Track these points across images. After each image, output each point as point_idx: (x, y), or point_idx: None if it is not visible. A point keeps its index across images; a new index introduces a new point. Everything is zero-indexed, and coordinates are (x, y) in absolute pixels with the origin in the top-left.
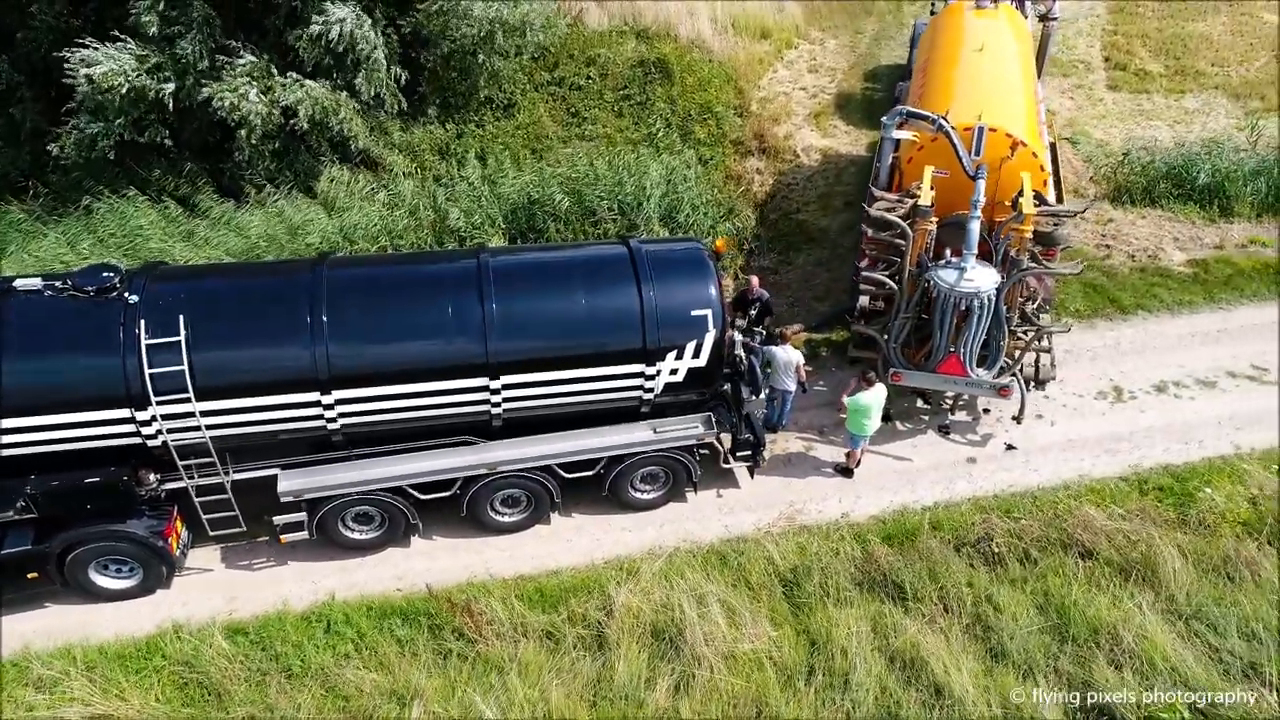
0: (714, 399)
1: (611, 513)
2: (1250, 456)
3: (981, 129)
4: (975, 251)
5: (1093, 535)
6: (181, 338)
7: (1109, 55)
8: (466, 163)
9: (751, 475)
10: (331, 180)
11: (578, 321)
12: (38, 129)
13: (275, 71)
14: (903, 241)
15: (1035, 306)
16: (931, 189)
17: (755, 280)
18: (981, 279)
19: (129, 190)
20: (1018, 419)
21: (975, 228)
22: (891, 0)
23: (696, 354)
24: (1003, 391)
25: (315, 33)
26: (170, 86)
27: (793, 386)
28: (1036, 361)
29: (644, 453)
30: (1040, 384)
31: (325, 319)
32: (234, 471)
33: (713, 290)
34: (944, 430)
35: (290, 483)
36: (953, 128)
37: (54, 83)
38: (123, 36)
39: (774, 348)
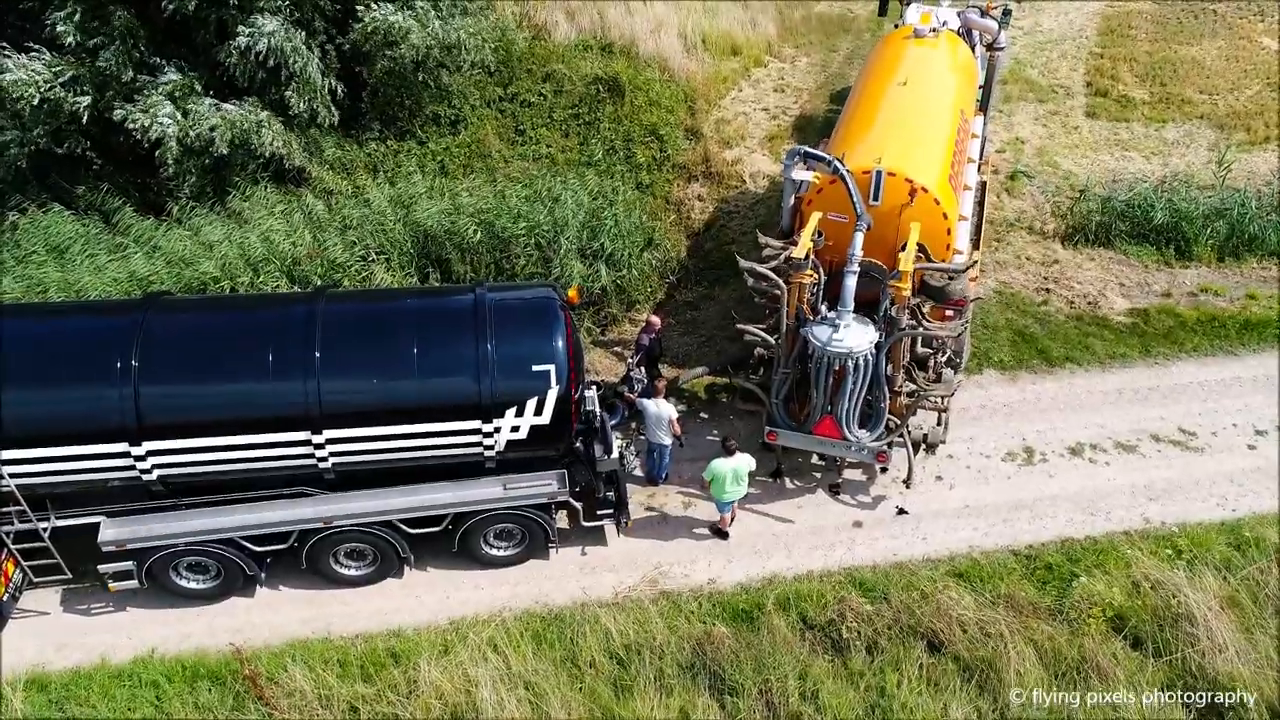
0: (569, 456)
1: (468, 568)
2: (1152, 534)
3: (880, 173)
4: (850, 308)
5: (946, 624)
6: None
7: (1091, 80)
8: (369, 187)
9: (618, 533)
10: (246, 199)
11: (409, 375)
12: None
13: (199, 89)
14: (779, 293)
15: (945, 360)
16: (818, 236)
17: (656, 320)
18: (854, 338)
19: (53, 204)
20: (907, 483)
21: (851, 283)
22: (873, 18)
23: (539, 411)
24: (880, 457)
25: (243, 45)
26: (86, 100)
27: (668, 441)
28: (940, 420)
29: (492, 510)
30: (930, 448)
31: (136, 364)
32: (56, 518)
33: (558, 344)
34: (834, 490)
35: (112, 532)
36: (849, 171)
37: None
38: (37, 48)
39: (646, 401)
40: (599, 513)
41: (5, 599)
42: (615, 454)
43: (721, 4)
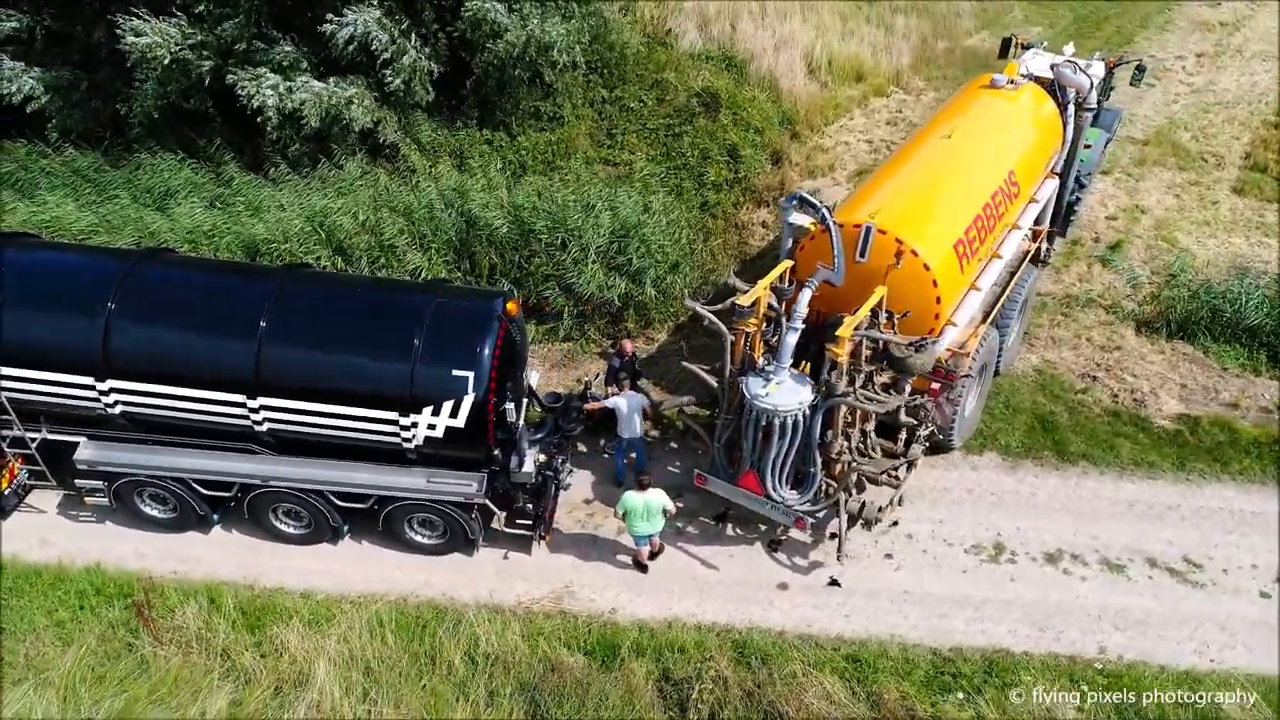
0: (492, 463)
1: (399, 550)
2: (1096, 665)
3: (869, 229)
4: (786, 364)
5: (797, 708)
6: None
7: (1252, 152)
8: (444, 172)
9: (539, 543)
10: (339, 167)
11: (339, 358)
12: (117, 89)
13: (306, 64)
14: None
15: (927, 433)
16: (785, 286)
17: (628, 345)
18: (784, 396)
19: (178, 152)
20: (838, 555)
21: (791, 340)
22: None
23: (454, 414)
24: (798, 523)
25: (328, 32)
26: (209, 64)
27: (640, 430)
28: (897, 497)
29: (412, 499)
30: (866, 523)
31: (112, 306)
32: (48, 432)
33: (483, 353)
34: (774, 546)
35: (87, 452)
36: (836, 222)
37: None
38: (178, 14)
39: (615, 398)
40: (518, 521)
41: (7, 494)
42: (529, 466)
43: (865, 27)
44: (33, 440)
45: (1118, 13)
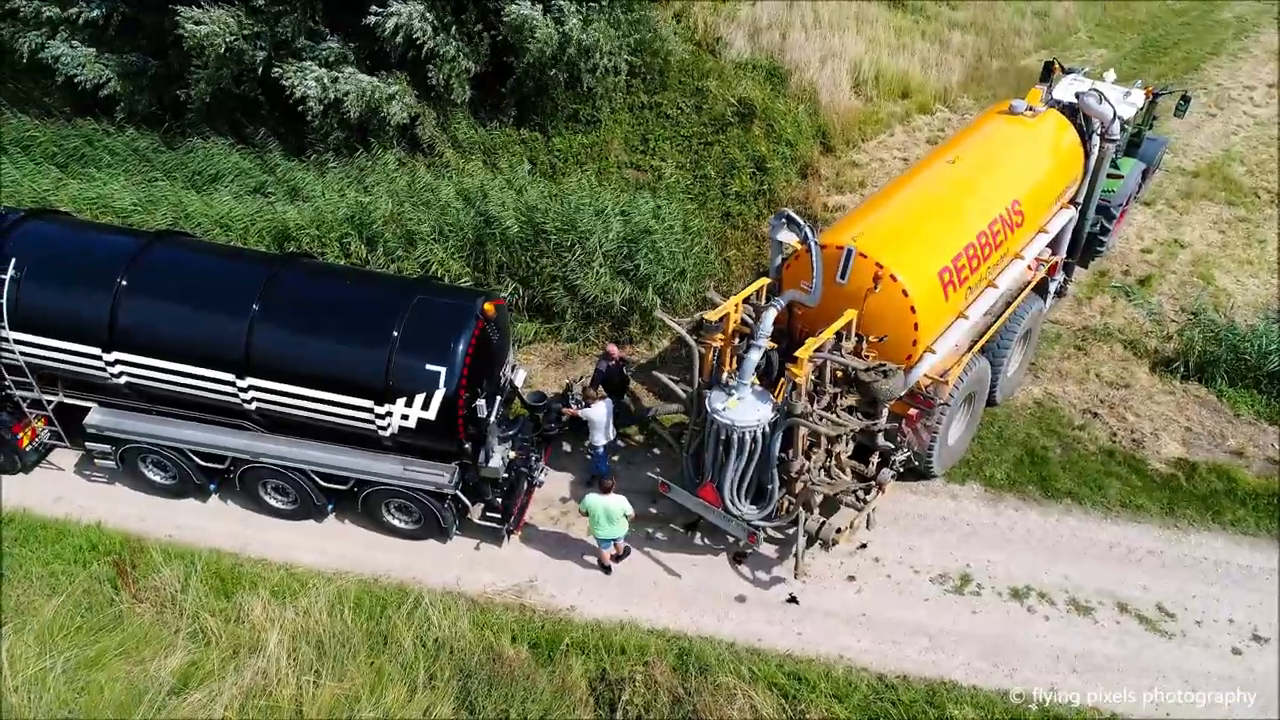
0: (464, 456)
1: (379, 531)
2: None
3: (850, 251)
4: (747, 380)
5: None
6: (8, 276)
7: None
8: (476, 169)
9: (507, 538)
10: (376, 159)
11: (321, 345)
12: (180, 74)
13: (351, 59)
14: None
15: (903, 458)
16: (760, 302)
17: (615, 349)
18: (742, 412)
19: (228, 137)
20: (796, 573)
21: (754, 357)
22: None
23: (426, 406)
24: (750, 538)
25: (375, 22)
26: (262, 54)
27: (613, 434)
28: (868, 520)
29: (388, 484)
30: (824, 544)
31: (123, 283)
32: (64, 396)
33: (457, 349)
34: (738, 558)
35: (96, 418)
36: (817, 243)
37: None
38: (235, 2)
39: (587, 410)
40: (488, 514)
41: (28, 450)
42: (496, 462)
43: (920, 43)
44: (49, 403)
45: (1188, 39)
